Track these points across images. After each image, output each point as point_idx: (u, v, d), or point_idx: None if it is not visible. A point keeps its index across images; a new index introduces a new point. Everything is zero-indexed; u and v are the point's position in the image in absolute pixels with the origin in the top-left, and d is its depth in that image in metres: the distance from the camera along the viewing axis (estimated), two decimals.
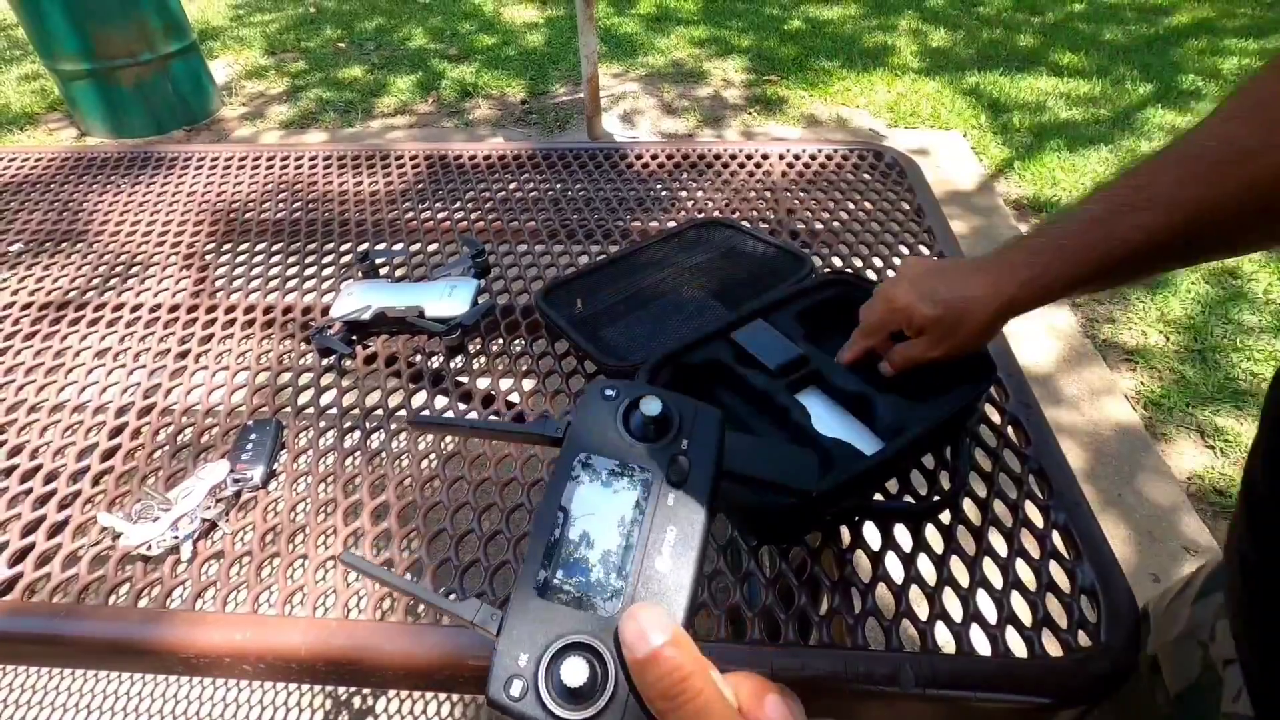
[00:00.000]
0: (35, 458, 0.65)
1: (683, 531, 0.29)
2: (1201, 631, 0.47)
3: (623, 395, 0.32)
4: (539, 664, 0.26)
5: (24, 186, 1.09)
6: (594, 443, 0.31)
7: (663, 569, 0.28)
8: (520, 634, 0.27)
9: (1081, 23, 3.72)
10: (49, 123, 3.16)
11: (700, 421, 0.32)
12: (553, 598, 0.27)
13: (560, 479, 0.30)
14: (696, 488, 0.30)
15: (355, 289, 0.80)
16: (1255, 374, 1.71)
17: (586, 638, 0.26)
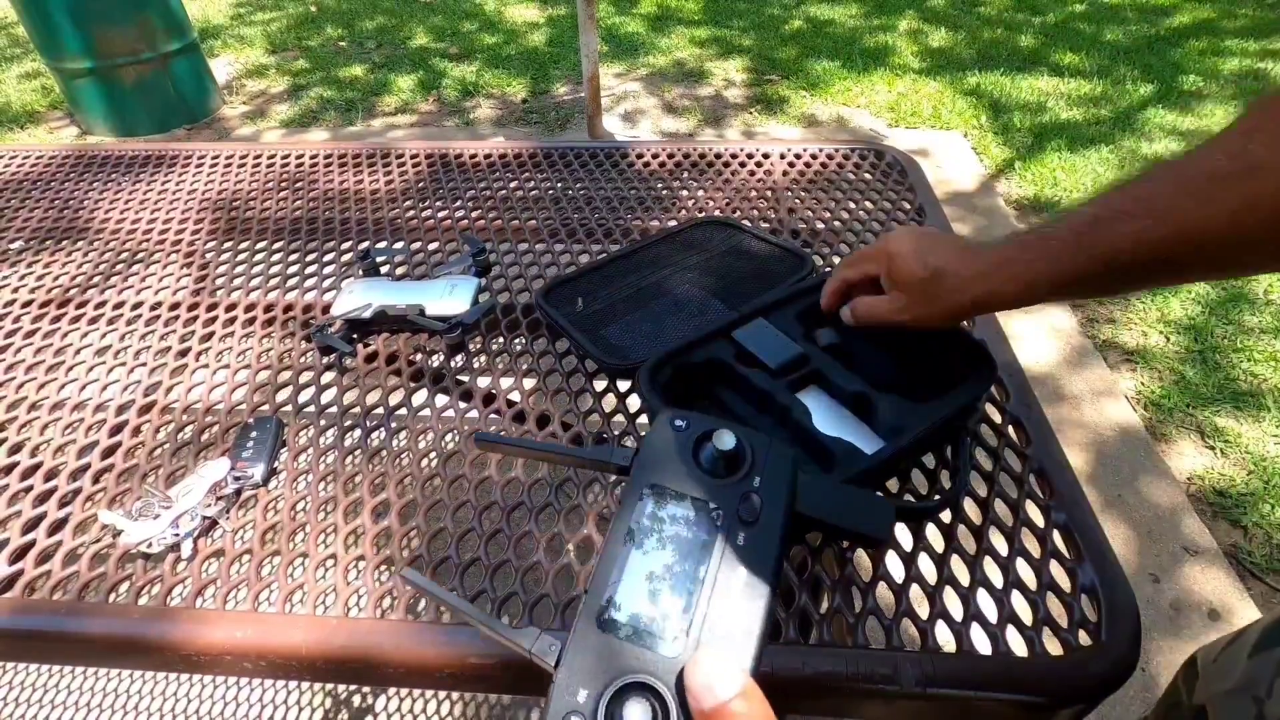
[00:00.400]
0: (36, 455, 0.65)
1: (753, 574, 0.28)
2: (1257, 687, 0.46)
3: (694, 427, 0.32)
4: (599, 702, 0.25)
5: (24, 184, 1.09)
6: (662, 474, 0.30)
7: (731, 612, 0.27)
8: (580, 669, 0.26)
9: (1082, 23, 3.71)
10: (50, 121, 3.16)
11: (773, 459, 0.31)
12: (615, 632, 0.27)
13: (627, 510, 0.30)
14: (768, 529, 0.29)
15: (356, 287, 0.80)
16: (1256, 375, 1.71)
17: (649, 679, 0.26)
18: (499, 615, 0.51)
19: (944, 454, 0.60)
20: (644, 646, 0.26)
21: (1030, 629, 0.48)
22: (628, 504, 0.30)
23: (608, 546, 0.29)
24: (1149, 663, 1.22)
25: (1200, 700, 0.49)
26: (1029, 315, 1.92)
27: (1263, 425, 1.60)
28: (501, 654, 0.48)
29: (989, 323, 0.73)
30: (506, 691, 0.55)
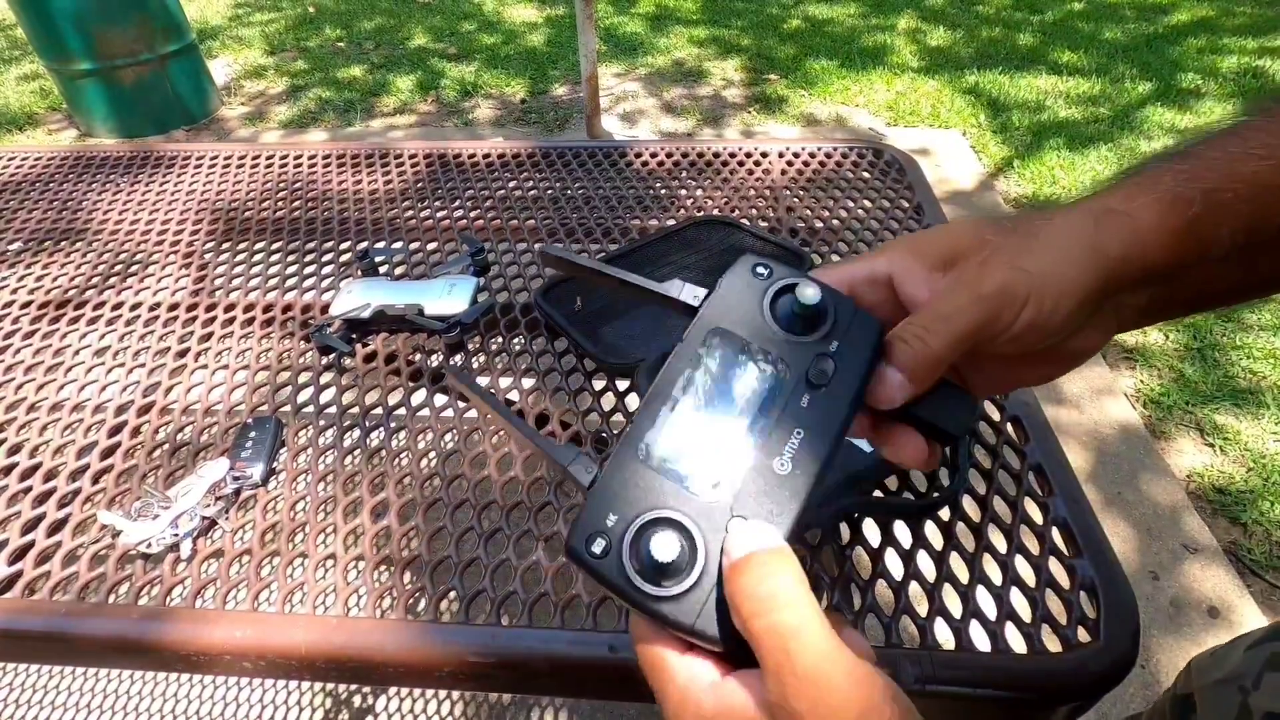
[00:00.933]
0: (35, 456, 0.65)
1: (810, 439, 0.26)
2: (1245, 679, 0.46)
3: (776, 275, 0.29)
4: (627, 528, 0.25)
5: (23, 185, 1.09)
6: (734, 319, 0.28)
7: (779, 471, 0.26)
8: (614, 494, 0.25)
9: (1081, 21, 3.71)
10: (49, 123, 3.16)
11: (856, 327, 0.28)
12: (655, 467, 0.26)
13: (688, 349, 0.28)
14: (837, 396, 0.27)
15: (355, 287, 0.80)
16: (1255, 372, 1.71)
17: (682, 516, 0.25)
18: (499, 616, 0.51)
19: (943, 452, 0.60)
20: (683, 488, 0.25)
21: (1029, 626, 0.48)
22: (690, 343, 0.28)
23: (661, 382, 0.27)
24: (1149, 660, 1.22)
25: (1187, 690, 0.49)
26: None
27: (1262, 423, 1.60)
28: (500, 652, 0.48)
29: None
30: (505, 690, 0.55)
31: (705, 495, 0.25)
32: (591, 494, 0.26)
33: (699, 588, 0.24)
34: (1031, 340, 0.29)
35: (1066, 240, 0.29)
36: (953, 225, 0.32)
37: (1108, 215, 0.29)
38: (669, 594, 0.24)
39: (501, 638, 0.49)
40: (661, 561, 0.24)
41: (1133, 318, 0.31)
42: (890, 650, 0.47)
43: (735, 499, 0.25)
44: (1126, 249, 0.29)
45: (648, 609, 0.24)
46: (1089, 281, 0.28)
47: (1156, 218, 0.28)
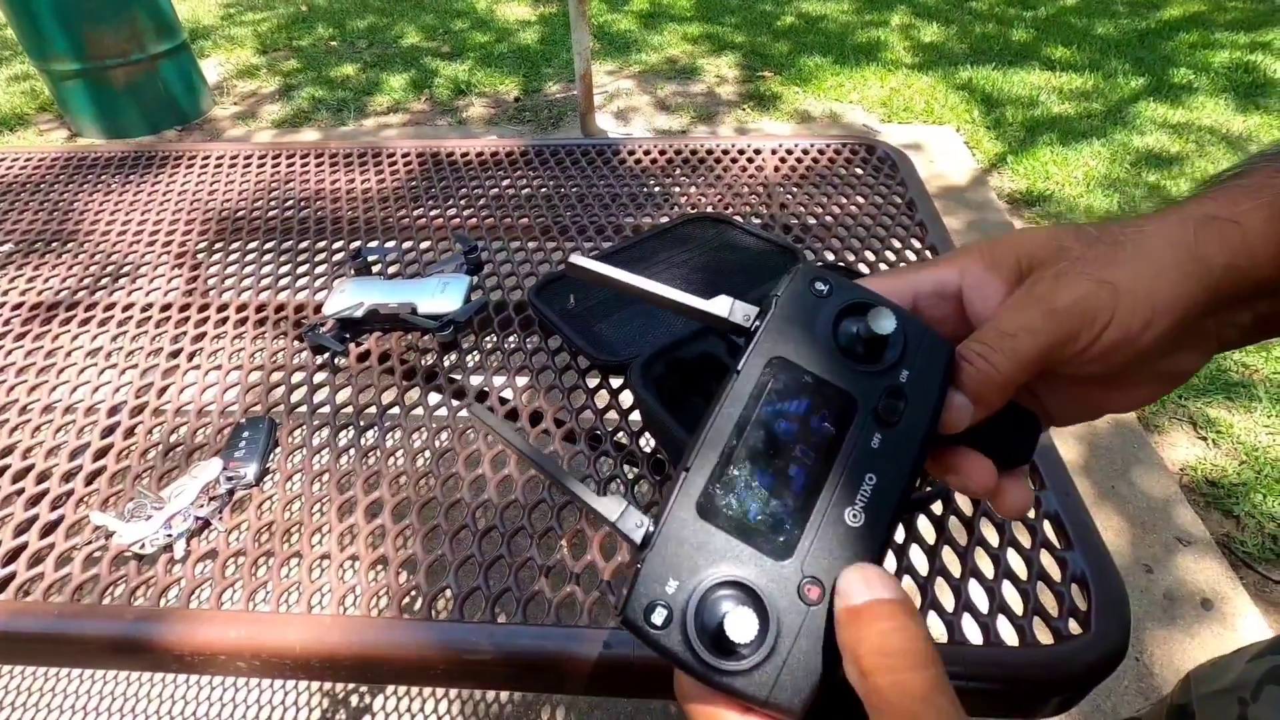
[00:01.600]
0: (27, 458, 0.65)
1: (882, 483, 0.24)
2: (1244, 690, 0.45)
3: (838, 295, 0.26)
4: (691, 595, 0.22)
5: (14, 187, 1.08)
6: (794, 346, 0.25)
7: (851, 523, 0.24)
8: (673, 555, 0.23)
9: (1073, 17, 3.72)
10: (40, 124, 3.14)
11: (926, 352, 0.26)
12: (716, 523, 0.23)
13: (745, 382, 0.25)
14: (910, 434, 0.25)
15: (348, 286, 0.80)
16: (1247, 365, 1.72)
17: (752, 581, 0.23)
18: (493, 613, 0.51)
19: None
20: (749, 544, 0.23)
21: (1021, 619, 0.49)
22: (746, 375, 0.25)
23: (716, 421, 0.24)
24: (1143, 653, 1.23)
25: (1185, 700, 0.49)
26: None
27: (1254, 415, 1.61)
28: (496, 649, 0.48)
29: None
30: (501, 687, 0.55)
31: (774, 553, 0.23)
32: (647, 555, 0.23)
33: (774, 657, 0.22)
34: (1118, 362, 0.26)
35: (1161, 250, 0.26)
36: (1031, 231, 0.29)
37: (1209, 223, 0.26)
38: (740, 668, 0.22)
39: (497, 635, 0.49)
40: (737, 642, 0.22)
41: (1236, 336, 0.28)
42: None
43: (807, 557, 0.23)
44: (1232, 259, 0.25)
45: (716, 683, 0.22)
46: (1188, 296, 0.25)
47: (1266, 224, 0.25)
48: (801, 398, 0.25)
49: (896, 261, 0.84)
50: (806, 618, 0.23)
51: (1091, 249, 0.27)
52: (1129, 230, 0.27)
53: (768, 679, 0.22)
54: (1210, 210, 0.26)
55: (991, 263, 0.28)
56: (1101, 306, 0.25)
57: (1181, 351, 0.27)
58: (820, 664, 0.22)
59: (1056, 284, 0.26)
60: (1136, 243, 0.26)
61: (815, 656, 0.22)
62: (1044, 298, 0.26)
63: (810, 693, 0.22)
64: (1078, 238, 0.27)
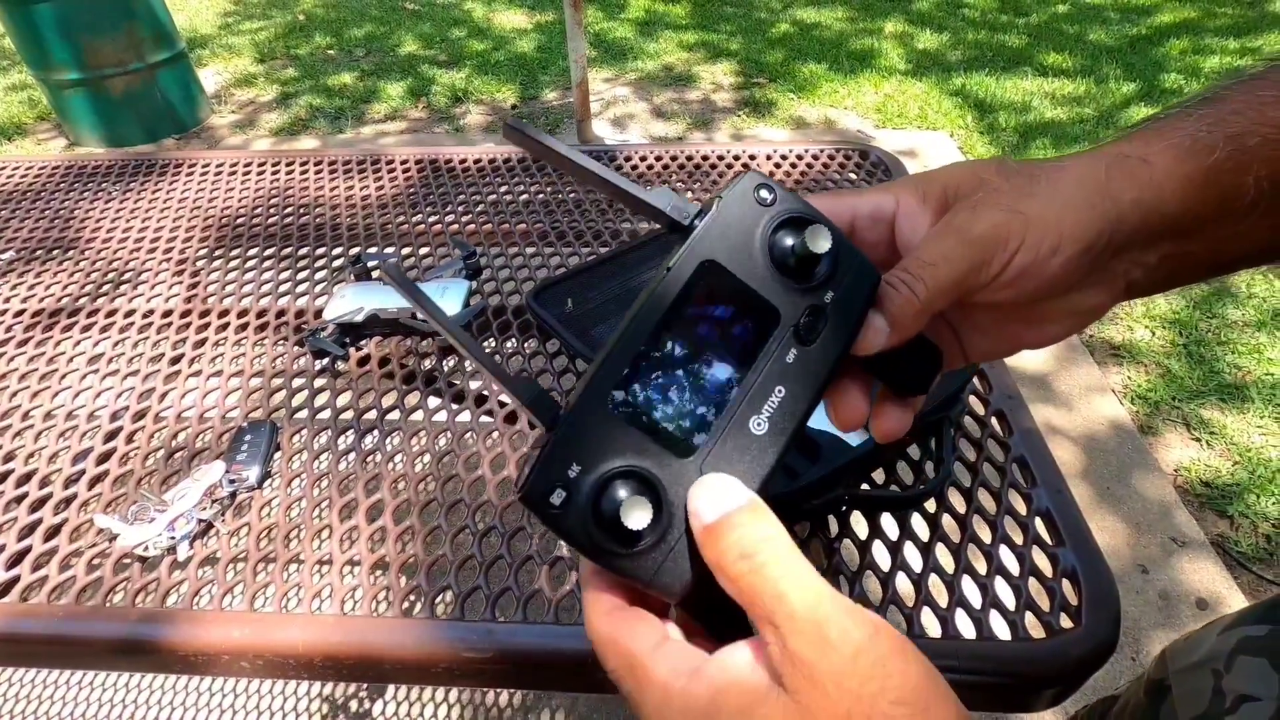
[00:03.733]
0: (30, 463, 0.65)
1: (789, 398, 0.25)
2: (1216, 660, 0.46)
3: (781, 206, 0.26)
4: (590, 480, 0.23)
5: (14, 195, 1.09)
6: (728, 251, 0.25)
7: (755, 431, 0.24)
8: (579, 441, 0.23)
9: (1066, 23, 3.76)
10: (38, 133, 3.15)
11: (853, 276, 0.26)
12: (625, 415, 0.24)
13: (673, 281, 0.25)
14: (822, 356, 0.25)
15: (348, 291, 0.80)
16: (1240, 367, 1.74)
17: (652, 474, 0.23)
18: (493, 613, 0.52)
19: (928, 445, 0.61)
20: (655, 440, 0.24)
21: (1013, 613, 0.49)
22: (676, 273, 0.25)
23: (640, 313, 0.24)
24: (1139, 653, 1.23)
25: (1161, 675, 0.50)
26: None
27: (1247, 416, 1.62)
28: (496, 648, 0.49)
29: None
30: (501, 685, 0.56)
31: (677, 451, 0.24)
32: (553, 439, 0.23)
33: (663, 545, 0.23)
34: (1027, 288, 0.27)
35: (1073, 184, 0.27)
36: (958, 165, 0.30)
37: (1121, 160, 0.27)
38: (630, 551, 0.23)
39: (496, 634, 0.50)
40: (632, 529, 0.22)
41: (1144, 279, 0.29)
42: None
43: (707, 456, 0.24)
44: (1139, 194, 0.26)
45: (606, 563, 0.23)
46: (1094, 226, 0.26)
47: (1174, 163, 0.26)
48: (726, 304, 0.25)
49: None
50: None
51: (1009, 181, 0.28)
52: (1047, 166, 0.28)
53: (654, 564, 0.23)
54: (1124, 150, 0.27)
55: (922, 195, 0.29)
56: (1012, 234, 0.26)
57: (1090, 288, 0.28)
58: None
59: (973, 214, 0.27)
60: (1051, 177, 0.27)
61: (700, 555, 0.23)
62: (960, 228, 0.27)
63: (689, 579, 0.23)
64: (999, 171, 0.28)
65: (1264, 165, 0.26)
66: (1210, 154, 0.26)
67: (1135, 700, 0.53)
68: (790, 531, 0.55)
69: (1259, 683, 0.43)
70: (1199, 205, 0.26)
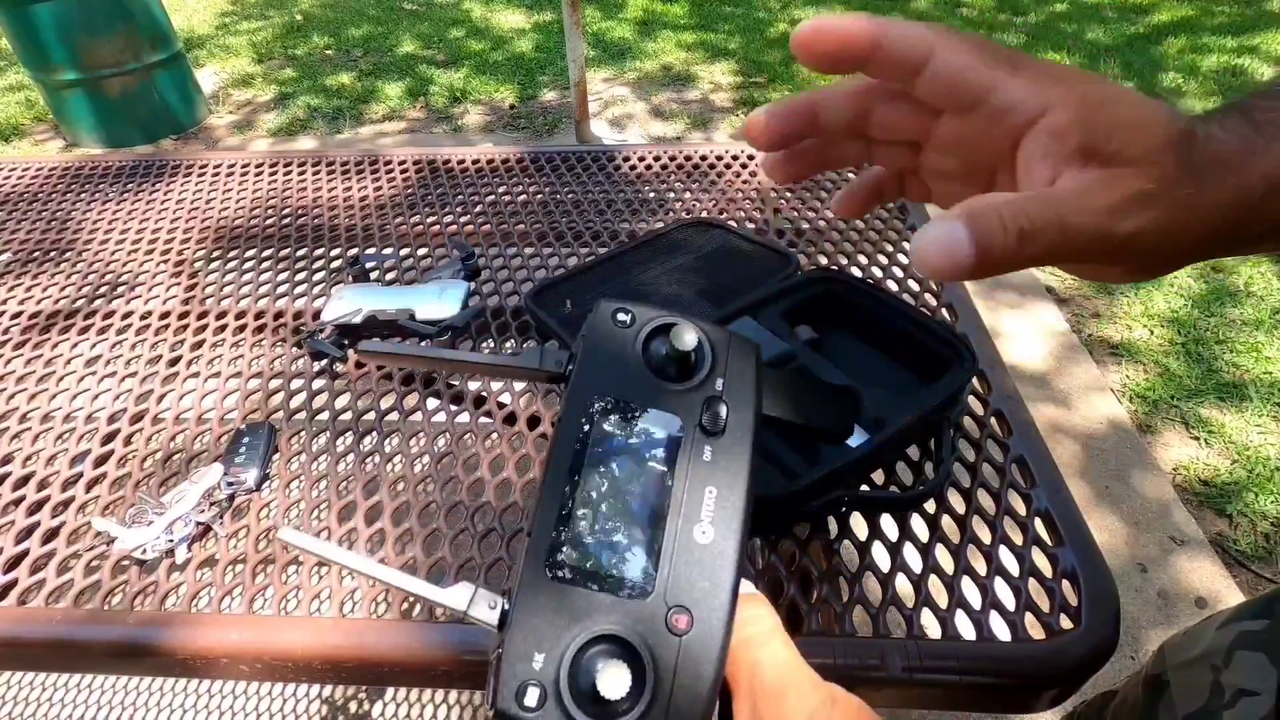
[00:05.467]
0: (27, 465, 0.65)
1: (724, 492, 0.24)
2: (1215, 656, 0.47)
3: (640, 321, 0.26)
4: (559, 665, 0.21)
5: (11, 197, 1.09)
6: (606, 382, 0.25)
7: (702, 540, 0.23)
8: (532, 628, 0.22)
9: (1064, 22, 3.76)
10: (35, 134, 3.14)
11: (735, 356, 0.26)
12: (570, 580, 0.23)
13: (568, 428, 0.25)
14: (737, 439, 0.25)
15: (346, 293, 0.80)
16: (1238, 366, 1.74)
17: (617, 630, 0.22)
18: None
19: (927, 445, 0.61)
20: (607, 593, 0.22)
21: (1013, 614, 0.49)
22: (568, 421, 0.25)
23: (549, 475, 0.24)
24: (1138, 652, 1.23)
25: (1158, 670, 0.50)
26: (1016, 312, 1.94)
27: (1246, 415, 1.62)
28: None
29: (970, 315, 0.74)
30: None
31: (634, 594, 0.22)
32: (507, 636, 0.22)
33: (657, 700, 0.21)
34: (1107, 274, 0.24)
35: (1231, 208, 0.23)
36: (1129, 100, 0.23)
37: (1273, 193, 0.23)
38: None
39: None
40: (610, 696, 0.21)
41: None
42: (878, 640, 0.47)
43: (667, 588, 0.23)
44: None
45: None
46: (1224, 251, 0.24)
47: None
48: (627, 430, 0.25)
49: (889, 266, 0.85)
50: (680, 649, 0.22)
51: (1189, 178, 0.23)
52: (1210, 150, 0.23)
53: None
54: None
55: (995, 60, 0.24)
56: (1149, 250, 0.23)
57: None
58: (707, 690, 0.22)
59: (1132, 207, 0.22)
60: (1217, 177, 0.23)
61: (700, 685, 0.22)
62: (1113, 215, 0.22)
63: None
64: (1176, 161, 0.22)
65: None
66: None
67: (1133, 696, 0.53)
68: (789, 533, 0.55)
69: (1257, 678, 0.43)
70: None
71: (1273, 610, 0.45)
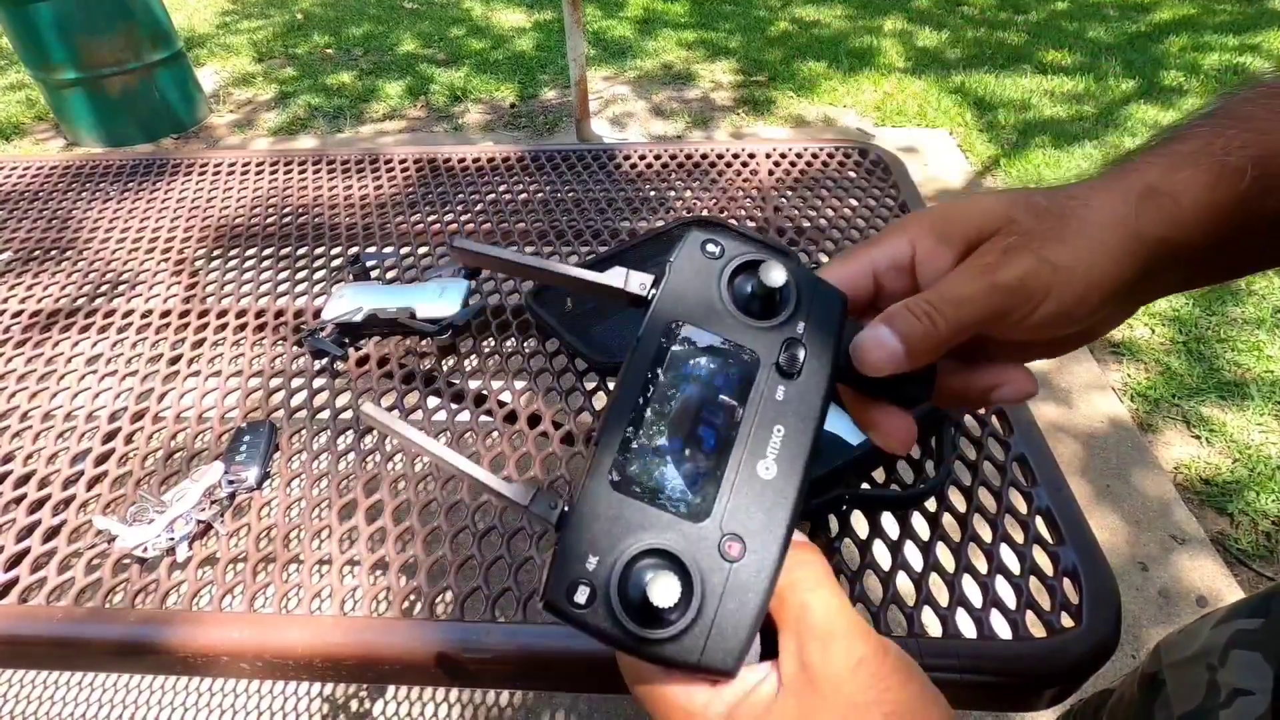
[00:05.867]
0: (28, 464, 0.65)
1: (791, 433, 0.24)
2: (1211, 655, 0.46)
3: (730, 253, 0.26)
4: (611, 570, 0.22)
5: (12, 196, 1.09)
6: (689, 310, 0.26)
7: (765, 476, 0.24)
8: (589, 531, 0.23)
9: (1066, 21, 3.75)
10: (36, 133, 3.14)
11: (819, 302, 0.26)
12: (631, 493, 0.23)
13: (645, 350, 0.25)
14: (811, 384, 0.25)
15: (346, 291, 0.80)
16: (1240, 364, 1.74)
17: (671, 545, 0.22)
18: (493, 613, 0.52)
19: (928, 444, 0.61)
20: (665, 510, 0.23)
21: (1014, 612, 0.49)
22: (646, 343, 0.25)
23: (622, 393, 0.24)
24: (1139, 650, 1.23)
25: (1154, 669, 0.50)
26: None
27: (1247, 414, 1.62)
28: (496, 648, 0.49)
29: None
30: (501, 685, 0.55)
31: (692, 516, 0.23)
32: (564, 535, 0.23)
33: (701, 619, 0.22)
34: (1050, 331, 0.27)
35: (1102, 228, 0.26)
36: (981, 200, 0.29)
37: (1149, 196, 0.26)
38: (671, 634, 0.22)
39: (496, 634, 0.50)
40: (661, 607, 0.21)
41: (1158, 293, 0.29)
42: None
43: (725, 515, 0.23)
44: (1167, 232, 0.26)
45: (647, 654, 0.22)
46: (1122, 273, 0.26)
47: (1203, 193, 0.26)
48: (702, 359, 0.25)
49: None
50: (730, 574, 0.23)
51: (1039, 222, 0.27)
52: (1075, 203, 0.28)
53: (697, 642, 0.22)
54: (1151, 179, 0.27)
55: (942, 235, 0.29)
56: (1040, 285, 0.26)
57: (1108, 313, 0.28)
58: (751, 618, 0.22)
59: (1003, 259, 0.27)
60: (1081, 218, 0.27)
61: (744, 611, 0.22)
62: (990, 270, 0.27)
63: (742, 650, 0.22)
64: (1026, 209, 0.28)
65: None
66: (1240, 180, 0.26)
67: (1130, 694, 0.53)
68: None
69: (1253, 677, 0.43)
70: (1225, 231, 0.26)
71: (1269, 608, 0.45)
